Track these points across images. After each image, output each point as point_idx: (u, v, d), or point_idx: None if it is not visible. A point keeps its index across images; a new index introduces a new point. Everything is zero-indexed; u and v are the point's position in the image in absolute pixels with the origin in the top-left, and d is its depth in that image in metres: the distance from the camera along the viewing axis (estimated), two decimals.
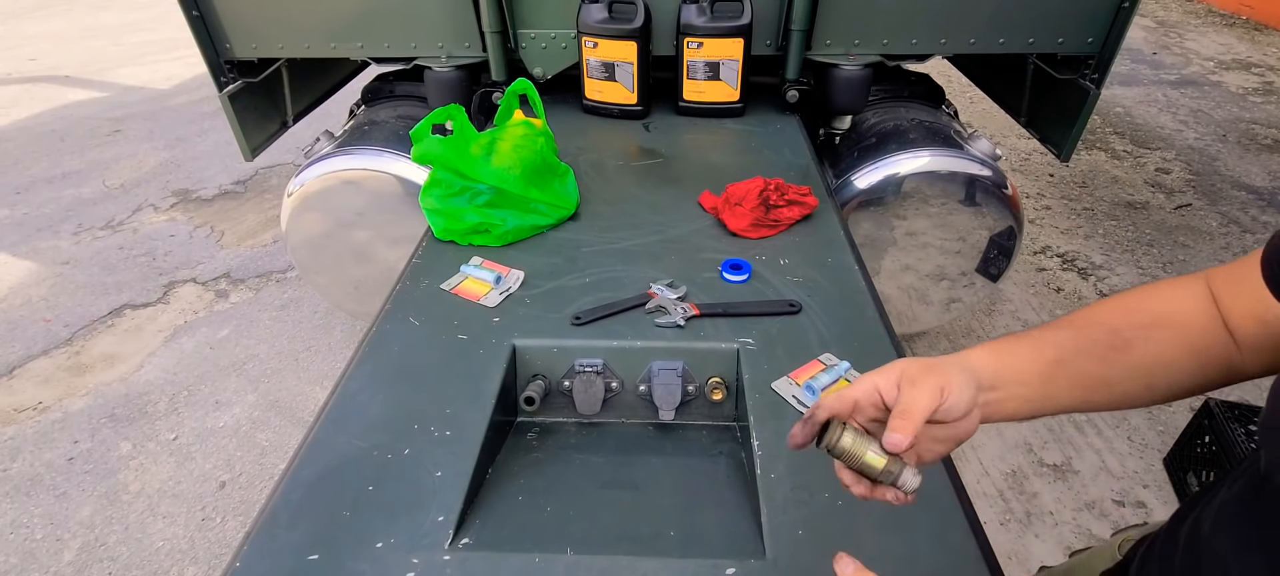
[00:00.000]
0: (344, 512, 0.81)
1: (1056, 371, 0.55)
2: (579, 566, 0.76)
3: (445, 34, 1.93)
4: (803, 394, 0.96)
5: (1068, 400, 0.56)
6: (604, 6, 1.83)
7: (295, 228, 2.03)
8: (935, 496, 0.82)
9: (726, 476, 0.93)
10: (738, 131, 1.90)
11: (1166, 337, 0.58)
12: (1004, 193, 1.90)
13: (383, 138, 1.98)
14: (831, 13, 1.84)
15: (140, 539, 1.92)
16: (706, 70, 1.89)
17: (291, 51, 2.01)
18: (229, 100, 2.05)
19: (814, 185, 1.50)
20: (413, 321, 1.13)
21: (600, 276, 1.24)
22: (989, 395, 0.55)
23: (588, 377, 1.02)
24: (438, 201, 1.34)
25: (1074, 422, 2.24)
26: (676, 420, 1.04)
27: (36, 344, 2.66)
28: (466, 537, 0.80)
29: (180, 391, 2.42)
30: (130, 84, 5.40)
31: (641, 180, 1.63)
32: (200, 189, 3.79)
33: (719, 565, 0.75)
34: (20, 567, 1.86)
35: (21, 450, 2.20)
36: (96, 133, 4.51)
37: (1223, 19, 6.53)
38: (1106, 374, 0.56)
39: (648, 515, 0.87)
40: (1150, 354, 0.57)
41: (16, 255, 3.22)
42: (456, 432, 0.91)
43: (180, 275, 3.06)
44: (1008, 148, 3.99)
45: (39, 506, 2.01)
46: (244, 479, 2.10)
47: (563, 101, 2.04)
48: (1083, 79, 1.91)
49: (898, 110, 2.11)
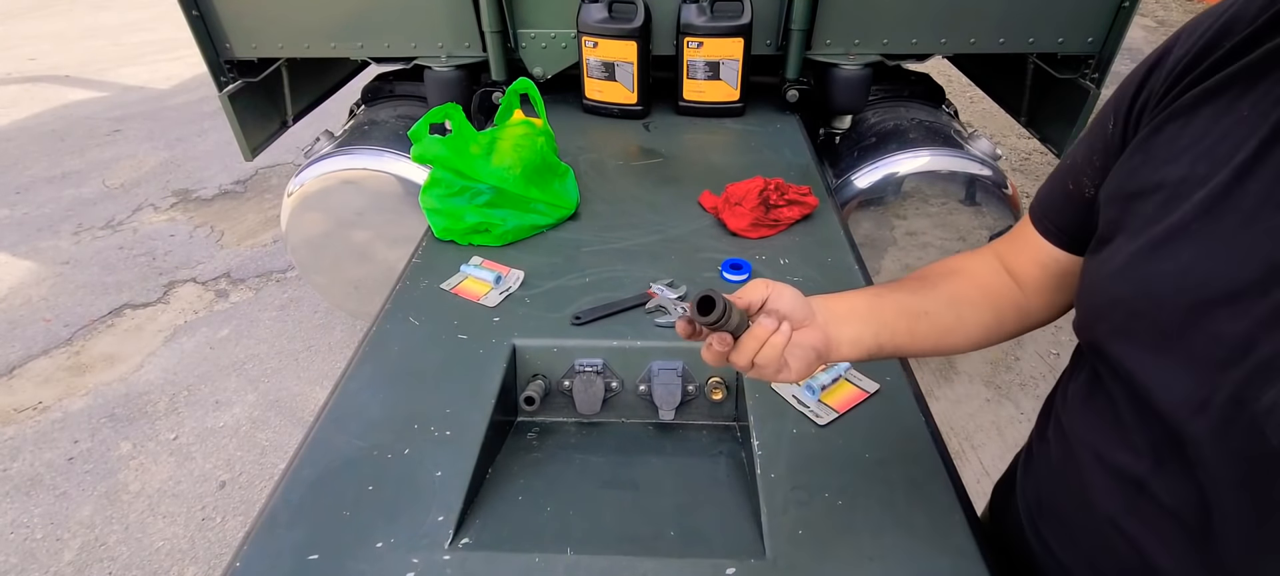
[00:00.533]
0: (344, 512, 0.81)
1: (880, 300, 0.66)
2: (579, 566, 0.76)
3: (445, 34, 1.93)
4: (802, 393, 0.96)
5: (897, 325, 0.65)
6: (604, 6, 1.83)
7: (295, 227, 2.03)
8: (935, 496, 0.82)
9: (726, 476, 0.93)
10: (738, 131, 1.90)
11: (963, 281, 0.71)
12: (1004, 192, 1.90)
13: (383, 138, 1.98)
14: (831, 12, 1.84)
15: (140, 538, 1.92)
16: (706, 70, 1.89)
17: (291, 51, 2.01)
18: (229, 100, 2.05)
19: (814, 185, 1.50)
20: (413, 321, 1.13)
21: (600, 276, 1.24)
22: (827, 312, 0.64)
23: (588, 377, 1.02)
24: (438, 201, 1.34)
25: None
26: (676, 420, 1.04)
27: (36, 344, 2.66)
28: (466, 537, 0.80)
29: (180, 391, 2.42)
30: (130, 84, 5.40)
31: (641, 180, 1.63)
32: (200, 189, 3.79)
33: (719, 565, 0.75)
34: (20, 567, 1.86)
35: (21, 450, 2.20)
36: (96, 133, 4.52)
37: None
38: (921, 303, 0.67)
39: (648, 515, 0.87)
40: (952, 289, 0.70)
41: (16, 255, 3.22)
42: (456, 432, 0.91)
43: (180, 275, 3.06)
44: (1008, 147, 3.99)
45: (39, 506, 2.02)
46: (244, 479, 2.10)
47: (563, 101, 2.04)
48: (1083, 78, 1.91)
49: (898, 110, 2.11)
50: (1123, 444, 0.57)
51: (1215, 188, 0.48)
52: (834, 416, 0.93)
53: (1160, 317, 0.51)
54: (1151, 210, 0.53)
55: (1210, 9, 0.54)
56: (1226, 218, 0.48)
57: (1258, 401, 0.45)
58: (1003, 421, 2.27)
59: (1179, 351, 0.50)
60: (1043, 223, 0.69)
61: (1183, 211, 0.50)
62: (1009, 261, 0.72)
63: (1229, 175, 0.48)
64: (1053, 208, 0.68)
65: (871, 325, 0.65)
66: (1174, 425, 0.51)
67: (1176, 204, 0.51)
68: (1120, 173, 0.58)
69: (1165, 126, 0.54)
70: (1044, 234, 0.68)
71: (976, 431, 2.24)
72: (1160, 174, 0.53)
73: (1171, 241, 0.50)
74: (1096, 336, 0.58)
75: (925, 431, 0.91)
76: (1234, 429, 0.47)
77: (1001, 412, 2.31)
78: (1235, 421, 0.46)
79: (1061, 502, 0.67)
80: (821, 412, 0.93)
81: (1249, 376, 0.45)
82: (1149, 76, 0.57)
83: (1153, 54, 0.58)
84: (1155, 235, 0.52)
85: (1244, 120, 0.49)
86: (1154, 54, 0.58)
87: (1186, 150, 0.51)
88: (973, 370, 2.48)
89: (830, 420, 0.92)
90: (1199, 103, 0.52)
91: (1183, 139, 0.52)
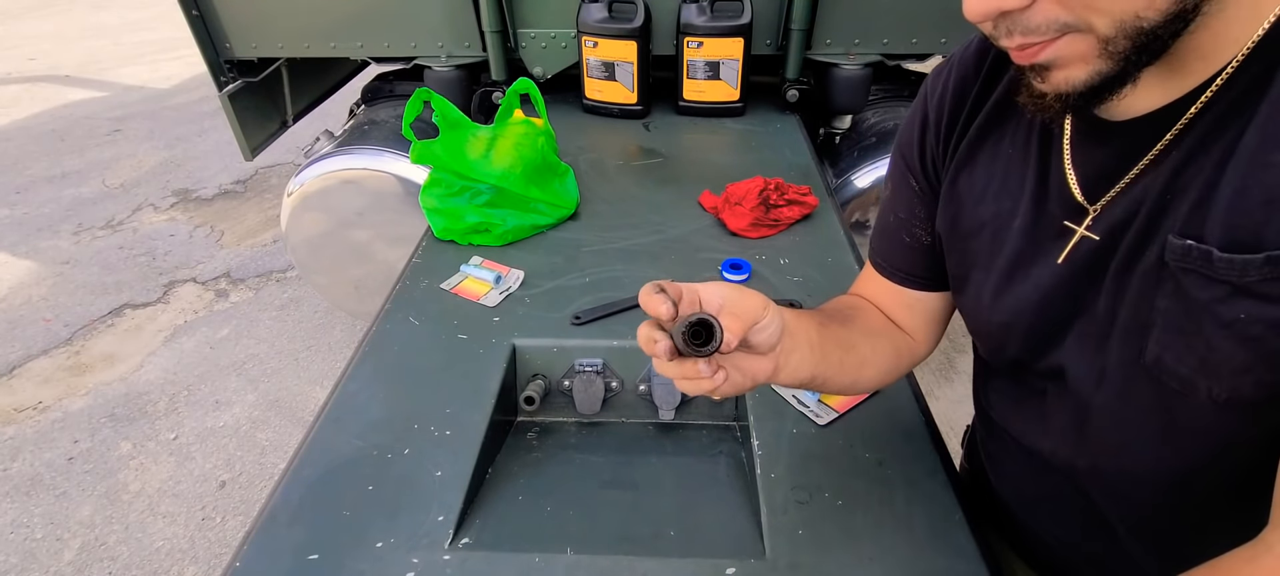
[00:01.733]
0: (344, 512, 0.81)
1: (825, 331, 0.67)
2: (579, 566, 0.76)
3: (445, 33, 1.93)
4: (803, 393, 0.96)
5: (830, 358, 0.66)
6: (604, 6, 1.83)
7: (295, 227, 2.03)
8: (935, 496, 0.82)
9: (726, 476, 0.93)
10: (738, 131, 1.90)
11: (867, 316, 0.75)
12: None
13: (382, 137, 1.98)
14: (831, 12, 1.84)
15: (140, 538, 1.92)
16: (706, 70, 1.89)
17: (291, 51, 2.01)
18: (229, 100, 2.05)
19: (814, 185, 1.50)
20: (413, 321, 1.13)
21: (600, 276, 1.24)
22: (786, 342, 0.61)
23: (588, 377, 1.02)
24: (438, 201, 1.34)
25: None
26: (676, 420, 1.04)
27: (36, 343, 2.66)
28: (466, 537, 0.80)
29: (180, 391, 2.42)
30: (130, 84, 5.40)
31: (641, 180, 1.63)
32: (200, 188, 3.79)
33: (719, 565, 0.75)
34: (20, 567, 1.86)
35: (21, 450, 2.20)
36: (96, 132, 4.52)
37: None
38: (848, 335, 0.69)
39: (648, 515, 0.87)
40: (863, 323, 0.74)
41: (16, 255, 3.22)
42: (456, 432, 0.91)
43: (180, 275, 3.06)
44: None
45: (39, 506, 2.02)
46: (244, 478, 2.10)
47: (563, 101, 2.04)
48: None
49: (898, 110, 2.11)
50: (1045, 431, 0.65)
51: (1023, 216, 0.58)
52: (834, 416, 0.93)
53: (1038, 325, 0.60)
54: (987, 244, 0.62)
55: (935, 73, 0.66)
56: (1047, 234, 0.57)
57: (1141, 359, 0.52)
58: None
59: (1069, 342, 0.58)
60: (897, 275, 0.75)
61: (1013, 242, 0.59)
62: (879, 306, 0.78)
63: (1029, 202, 0.58)
64: (901, 261, 0.74)
65: (816, 354, 0.63)
66: (1083, 398, 0.58)
67: (1003, 236, 0.60)
68: (944, 220, 0.66)
69: (957, 177, 0.64)
70: (903, 284, 0.74)
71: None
72: (976, 215, 0.62)
73: (1018, 267, 0.60)
74: (1008, 355, 0.66)
75: (925, 431, 0.91)
76: (1133, 387, 0.54)
77: None
78: (1134, 381, 0.53)
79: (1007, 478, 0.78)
80: (821, 412, 0.93)
81: (1123, 340, 0.53)
82: (923, 137, 0.67)
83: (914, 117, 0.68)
84: (1001, 265, 0.61)
85: (1012, 156, 0.59)
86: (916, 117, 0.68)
87: (985, 190, 0.61)
88: None
89: (830, 420, 0.92)
90: (973, 150, 0.62)
91: (977, 183, 0.62)
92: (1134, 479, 0.59)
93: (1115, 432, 0.57)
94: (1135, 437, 0.56)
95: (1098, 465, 0.61)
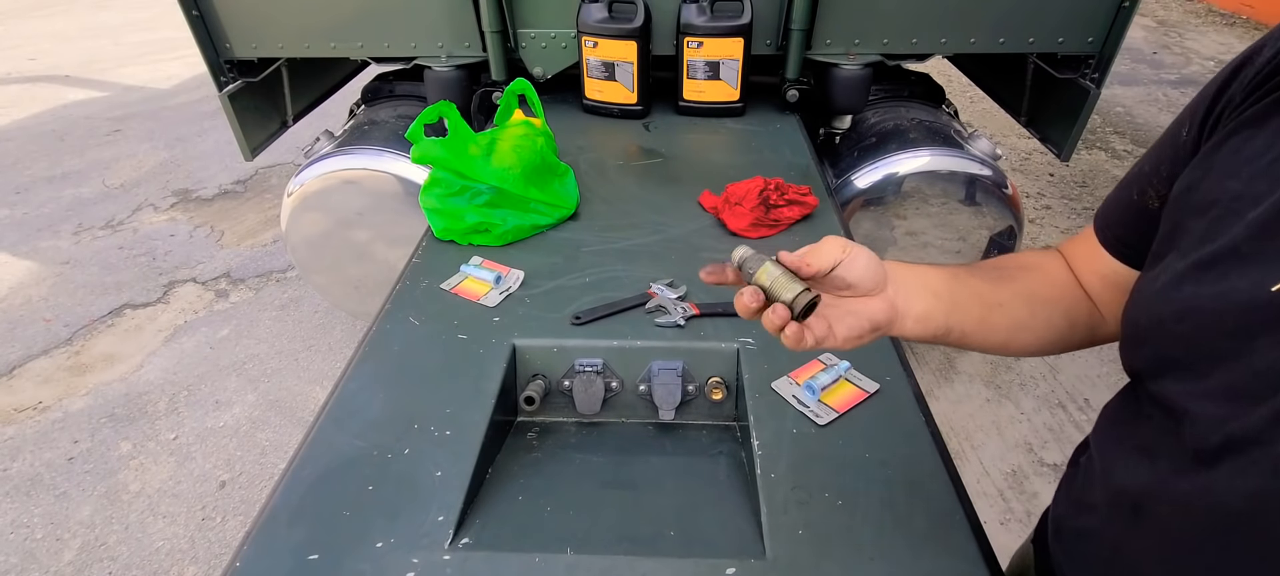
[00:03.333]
0: (344, 512, 0.81)
1: (957, 282, 0.62)
2: (579, 566, 0.76)
3: (445, 34, 1.93)
4: (803, 393, 0.96)
5: (970, 309, 0.61)
6: (604, 6, 1.83)
7: (295, 227, 2.03)
8: (935, 496, 0.82)
9: (726, 476, 0.93)
10: (738, 131, 1.90)
11: (1040, 278, 0.68)
12: (1004, 192, 1.90)
13: (382, 137, 1.98)
14: (831, 12, 1.84)
15: (140, 538, 1.92)
16: (706, 70, 1.89)
17: (291, 51, 2.01)
18: (229, 100, 2.05)
19: (814, 185, 1.50)
20: (413, 321, 1.13)
21: (600, 276, 1.24)
22: (900, 282, 0.60)
23: (588, 377, 1.02)
24: (438, 201, 1.34)
25: (1075, 424, 2.24)
26: (676, 420, 1.04)
27: (36, 344, 2.66)
28: (466, 537, 0.80)
29: (180, 391, 2.42)
30: (130, 84, 5.40)
31: (641, 180, 1.63)
32: (200, 189, 3.79)
33: (719, 565, 0.75)
34: (20, 567, 1.86)
35: (21, 450, 2.20)
36: (96, 132, 4.51)
37: (1223, 18, 6.53)
38: (997, 293, 0.64)
39: (648, 515, 0.87)
40: (1029, 284, 0.67)
41: (16, 255, 3.22)
42: (456, 432, 0.91)
43: (180, 275, 3.06)
44: (1008, 147, 3.99)
45: (39, 506, 2.02)
46: (244, 478, 2.10)
47: (563, 101, 2.04)
48: (1083, 78, 1.91)
49: (898, 110, 2.11)
50: (1141, 466, 0.53)
51: (1270, 207, 0.44)
52: (834, 416, 0.93)
53: (1199, 343, 0.47)
54: (1203, 227, 0.49)
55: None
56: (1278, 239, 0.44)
57: (1275, 443, 0.42)
58: (1003, 421, 2.27)
59: (1215, 379, 0.46)
60: (1104, 233, 0.65)
61: (1234, 231, 0.46)
62: (1076, 268, 0.68)
63: None
64: (1116, 218, 0.64)
65: (944, 303, 0.60)
66: (1196, 454, 0.47)
67: (1228, 222, 0.47)
68: (1181, 184, 0.54)
69: (1231, 137, 0.50)
70: (1104, 244, 0.65)
71: (976, 431, 2.24)
72: (1217, 189, 0.49)
73: (1219, 263, 0.46)
74: (1135, 359, 0.55)
75: (925, 431, 0.91)
76: (1252, 467, 0.43)
77: (1001, 412, 2.31)
78: (1258, 461, 0.43)
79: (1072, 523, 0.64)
80: (822, 412, 0.93)
81: (1276, 414, 0.42)
82: (1231, 80, 0.52)
83: (1241, 54, 0.52)
84: (1203, 255, 0.48)
85: None
86: (1242, 55, 0.52)
87: (1248, 164, 0.47)
88: (973, 370, 2.48)
89: (830, 420, 0.92)
90: (1269, 114, 0.47)
91: (1246, 152, 0.48)
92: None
93: None
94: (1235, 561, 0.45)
95: None
